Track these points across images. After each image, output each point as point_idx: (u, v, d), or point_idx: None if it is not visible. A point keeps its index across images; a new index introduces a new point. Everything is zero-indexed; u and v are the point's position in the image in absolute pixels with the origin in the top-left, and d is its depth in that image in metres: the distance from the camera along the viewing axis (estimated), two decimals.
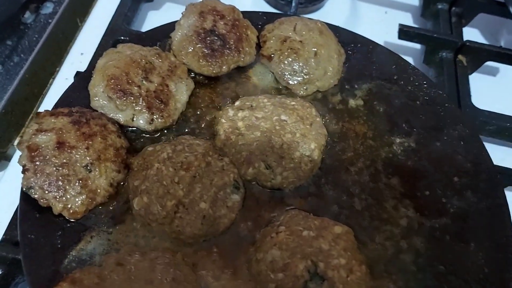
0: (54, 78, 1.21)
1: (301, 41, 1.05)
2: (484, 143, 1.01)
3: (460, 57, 1.28)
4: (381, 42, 1.19)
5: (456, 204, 0.91)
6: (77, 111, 0.88)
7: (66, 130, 0.84)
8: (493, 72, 1.39)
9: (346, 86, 1.08)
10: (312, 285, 0.75)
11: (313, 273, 0.76)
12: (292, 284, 0.75)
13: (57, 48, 1.25)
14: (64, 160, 0.81)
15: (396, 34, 1.30)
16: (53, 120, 0.85)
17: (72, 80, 1.06)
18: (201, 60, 1.00)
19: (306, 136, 0.92)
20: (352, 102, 1.05)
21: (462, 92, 1.20)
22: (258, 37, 1.09)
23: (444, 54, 1.28)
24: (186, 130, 0.97)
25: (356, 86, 1.08)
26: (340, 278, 0.76)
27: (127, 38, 1.14)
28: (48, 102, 1.16)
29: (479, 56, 1.27)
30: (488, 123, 1.15)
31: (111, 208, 0.84)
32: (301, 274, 0.76)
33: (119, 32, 1.19)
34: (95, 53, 1.15)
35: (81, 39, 1.28)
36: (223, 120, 0.94)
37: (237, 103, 0.97)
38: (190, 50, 1.01)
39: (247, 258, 0.82)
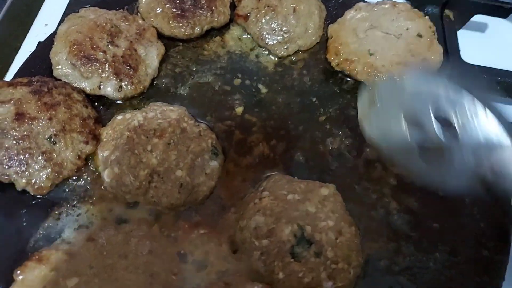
0: (18, 52, 1.13)
1: None
2: None
3: (447, 11, 1.22)
4: None
5: None
6: (38, 80, 0.82)
7: (26, 100, 0.77)
8: (482, 28, 1.34)
9: None
10: (299, 250, 0.71)
11: (300, 237, 0.71)
12: (277, 250, 0.70)
13: (21, 23, 1.17)
14: (25, 133, 0.75)
15: None
16: (11, 91, 0.78)
17: None
18: (171, 22, 0.93)
19: None
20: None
21: (450, 48, 1.14)
22: None
23: (430, 9, 1.21)
24: (159, 97, 0.90)
25: None
26: (329, 240, 0.71)
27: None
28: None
29: (467, 9, 1.21)
30: None
31: (80, 181, 0.78)
32: (287, 239, 0.71)
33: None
34: (59, 22, 1.07)
35: (45, 10, 1.19)
36: None
37: None
38: (159, 11, 0.94)
39: (230, 226, 0.76)
